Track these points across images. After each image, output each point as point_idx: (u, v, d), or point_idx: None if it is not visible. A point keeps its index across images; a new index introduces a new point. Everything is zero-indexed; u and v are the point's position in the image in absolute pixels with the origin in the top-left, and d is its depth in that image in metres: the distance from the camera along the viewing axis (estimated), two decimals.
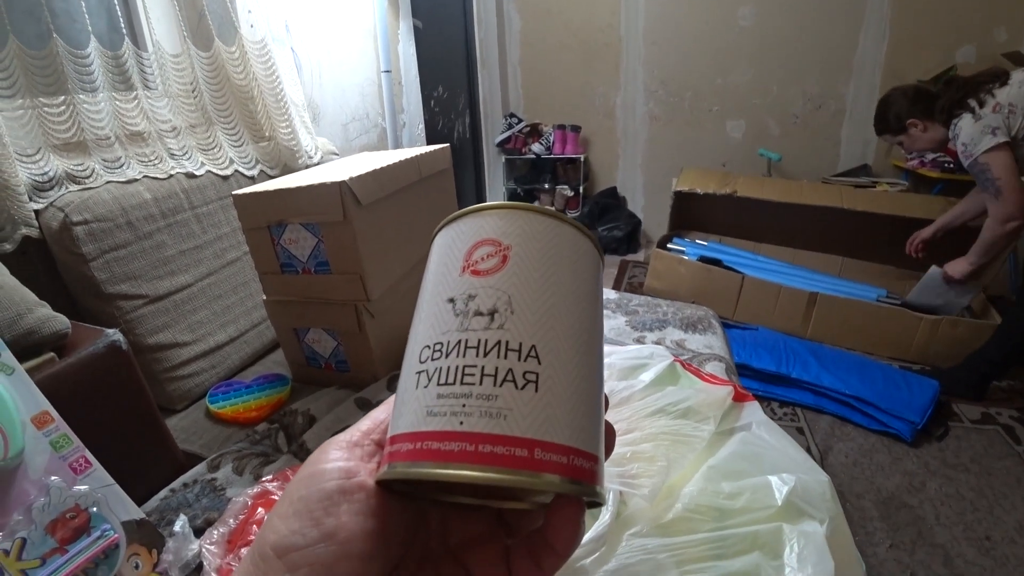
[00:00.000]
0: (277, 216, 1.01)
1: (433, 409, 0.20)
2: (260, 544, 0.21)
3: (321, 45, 1.87)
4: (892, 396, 1.72)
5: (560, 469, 0.19)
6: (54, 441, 0.59)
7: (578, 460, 0.19)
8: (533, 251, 0.22)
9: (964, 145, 1.68)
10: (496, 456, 0.18)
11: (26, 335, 0.76)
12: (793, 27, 2.89)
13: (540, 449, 0.19)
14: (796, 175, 3.09)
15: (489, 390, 0.19)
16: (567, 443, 0.19)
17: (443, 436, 0.19)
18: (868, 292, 2.26)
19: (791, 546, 0.49)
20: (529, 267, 0.22)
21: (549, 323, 0.21)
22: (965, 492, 1.46)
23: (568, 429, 0.19)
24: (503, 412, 0.19)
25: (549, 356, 0.20)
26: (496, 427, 0.19)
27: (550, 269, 0.22)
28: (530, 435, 0.19)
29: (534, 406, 0.19)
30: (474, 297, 0.21)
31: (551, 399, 0.19)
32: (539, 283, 0.22)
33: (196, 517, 0.76)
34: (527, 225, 0.23)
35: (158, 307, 1.13)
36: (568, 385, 0.20)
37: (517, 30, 3.41)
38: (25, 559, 0.53)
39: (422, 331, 0.23)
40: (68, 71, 1.11)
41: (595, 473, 0.20)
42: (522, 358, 0.20)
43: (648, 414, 0.64)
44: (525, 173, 3.63)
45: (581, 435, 0.20)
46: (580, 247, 0.24)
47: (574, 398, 0.20)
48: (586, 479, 0.19)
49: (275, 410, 1.07)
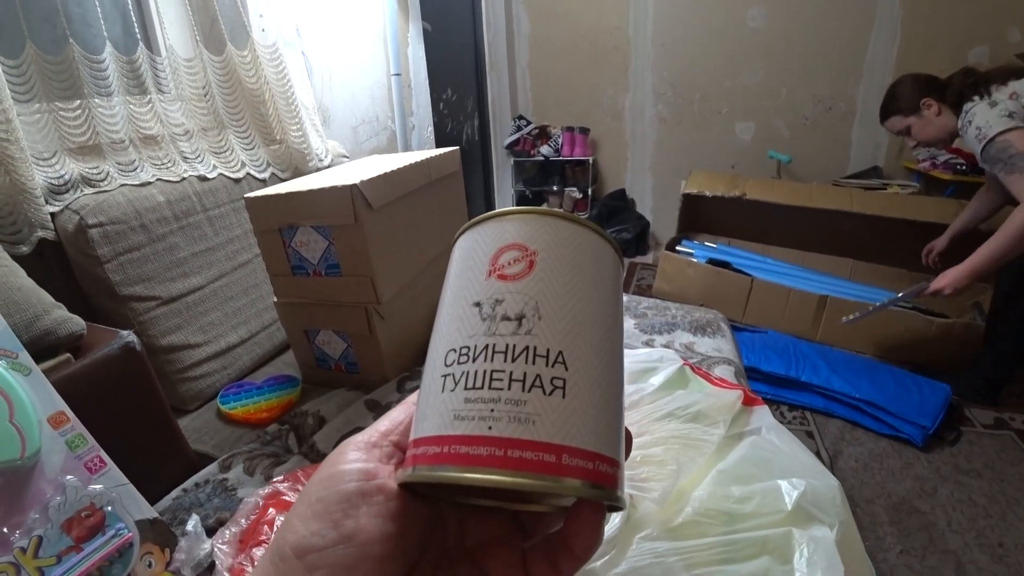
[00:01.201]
0: (288, 219, 1.02)
1: (461, 413, 0.20)
2: (279, 544, 0.21)
3: (332, 49, 1.88)
4: (903, 400, 1.70)
5: (585, 474, 0.19)
6: (70, 441, 0.60)
7: (602, 465, 0.20)
8: (559, 257, 0.23)
9: (979, 129, 1.54)
10: (524, 461, 0.18)
11: (43, 336, 0.78)
12: (803, 28, 2.87)
13: (567, 455, 0.19)
14: (806, 177, 3.07)
15: (518, 395, 0.20)
16: (592, 448, 0.19)
17: (471, 440, 0.19)
18: (879, 295, 2.24)
19: (801, 551, 0.49)
20: (556, 273, 0.22)
21: (575, 329, 0.21)
22: (977, 498, 1.44)
23: (593, 434, 0.20)
24: (531, 417, 0.19)
25: (575, 362, 0.20)
26: (525, 432, 0.19)
27: (575, 276, 0.23)
28: (557, 440, 0.19)
29: (561, 412, 0.19)
30: (501, 302, 0.22)
31: (577, 405, 0.20)
32: (565, 289, 0.22)
33: (208, 517, 0.77)
34: (553, 231, 0.24)
35: (171, 308, 1.14)
36: (593, 391, 0.20)
37: (526, 33, 3.42)
38: (41, 557, 0.54)
39: (446, 334, 0.23)
40: (84, 76, 1.13)
41: (617, 478, 0.20)
42: (550, 364, 0.20)
43: (658, 418, 0.64)
44: (534, 175, 3.63)
45: (605, 440, 0.20)
46: (603, 254, 0.25)
47: (598, 403, 0.21)
48: (609, 484, 0.20)
49: (286, 411, 1.08)
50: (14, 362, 0.59)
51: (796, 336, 2.17)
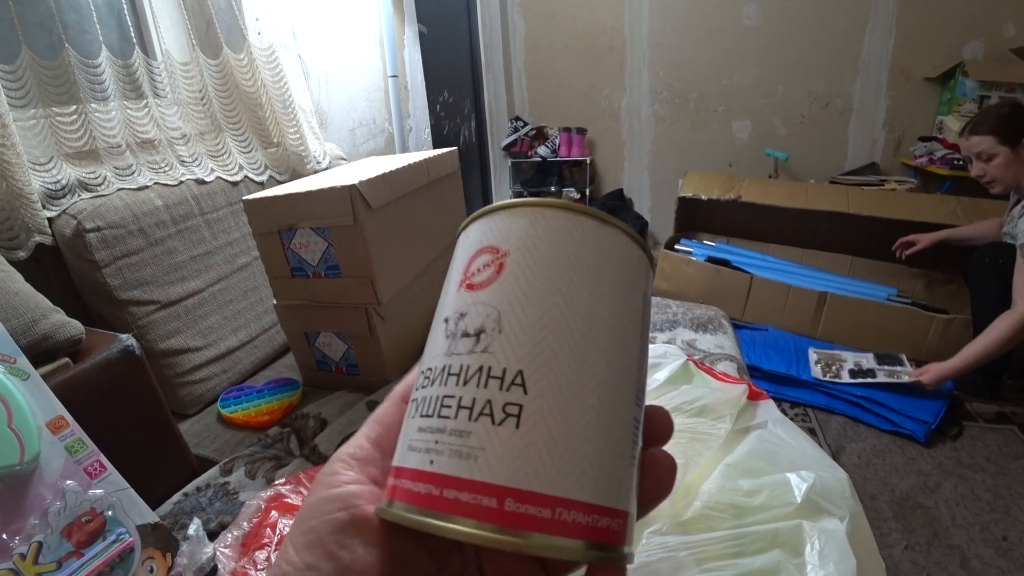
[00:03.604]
0: (287, 221, 1.02)
1: (413, 444, 0.18)
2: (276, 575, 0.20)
3: (328, 51, 1.88)
4: (904, 397, 1.70)
5: (544, 526, 0.15)
6: (69, 446, 0.59)
7: (577, 515, 0.16)
8: (536, 255, 0.18)
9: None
10: (462, 505, 0.15)
11: (41, 341, 0.77)
12: (798, 26, 2.88)
13: (513, 499, 0.15)
14: (803, 174, 3.08)
15: (463, 425, 0.17)
16: (556, 493, 0.16)
17: (415, 475, 0.17)
18: (878, 291, 2.24)
19: (812, 543, 0.49)
20: (528, 275, 0.18)
21: (545, 342, 0.17)
22: (981, 492, 1.44)
23: (559, 475, 0.16)
24: (475, 452, 0.16)
25: (540, 384, 0.16)
26: (464, 470, 0.16)
27: (553, 277, 0.18)
28: (502, 482, 0.15)
29: (512, 446, 0.16)
30: (464, 315, 0.18)
31: (536, 438, 0.16)
32: (537, 294, 0.18)
33: (210, 521, 0.77)
34: (530, 225, 0.19)
35: (170, 312, 1.13)
36: (566, 420, 0.16)
37: (521, 34, 3.42)
38: (42, 563, 0.53)
39: (424, 355, 0.20)
40: (80, 81, 1.12)
41: (610, 530, 0.16)
42: (504, 387, 0.16)
43: None
44: (531, 176, 3.63)
45: (584, 482, 0.16)
46: (605, 243, 0.19)
47: (572, 435, 0.16)
48: (594, 538, 0.16)
49: (286, 414, 1.07)
50: (12, 367, 0.59)
51: (796, 333, 2.17)
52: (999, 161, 1.65)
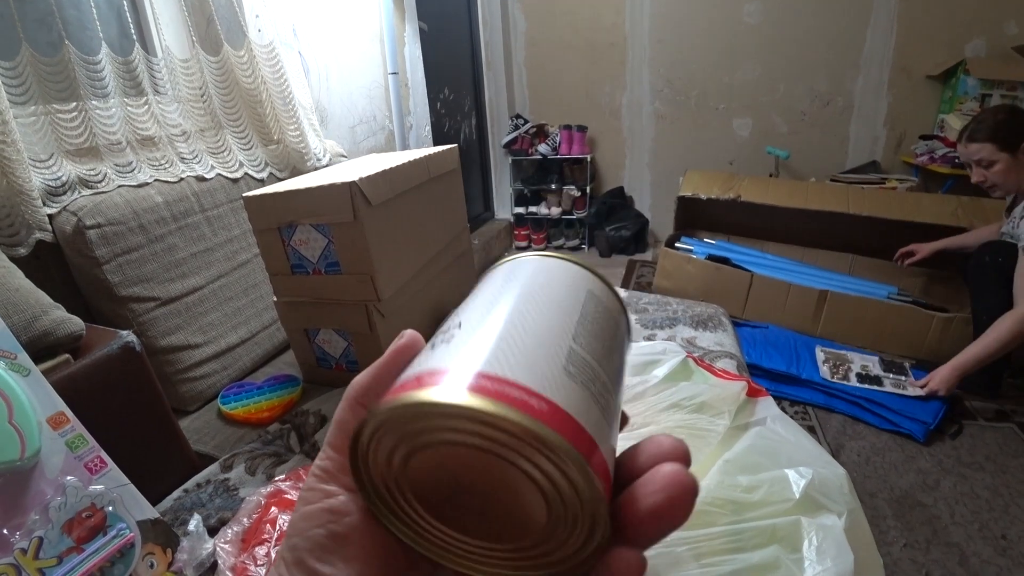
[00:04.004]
0: (287, 217, 1.02)
1: None
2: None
3: (328, 48, 1.88)
4: (904, 397, 1.70)
5: (485, 392, 0.16)
6: (70, 441, 0.59)
7: (487, 383, 0.17)
8: (494, 283, 0.24)
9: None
10: (423, 382, 0.17)
11: (41, 337, 0.77)
12: (799, 24, 2.88)
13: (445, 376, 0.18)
14: (804, 172, 3.08)
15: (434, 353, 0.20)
16: (481, 369, 0.17)
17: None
18: (879, 289, 2.24)
19: (810, 539, 0.49)
20: (480, 291, 0.24)
21: (477, 308, 0.22)
22: (980, 490, 1.44)
23: (482, 358, 0.18)
24: (440, 361, 0.19)
25: (465, 322, 0.21)
26: (419, 364, 0.19)
27: (497, 284, 0.24)
28: (444, 365, 0.18)
29: (452, 348, 0.19)
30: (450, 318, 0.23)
31: (464, 338, 0.19)
32: (481, 297, 0.23)
33: (210, 517, 0.77)
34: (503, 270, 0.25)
35: (170, 309, 1.14)
36: (480, 333, 0.20)
37: (522, 31, 3.42)
38: (42, 558, 0.54)
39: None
40: (80, 77, 1.12)
41: (540, 411, 0.16)
42: (454, 327, 0.21)
43: (662, 408, 0.64)
44: (532, 174, 3.63)
45: (502, 361, 0.18)
46: (544, 264, 0.25)
47: (488, 339, 0.19)
48: (533, 414, 0.16)
49: (287, 411, 1.07)
50: (13, 363, 0.59)
51: (797, 331, 2.17)
52: (999, 167, 1.64)
